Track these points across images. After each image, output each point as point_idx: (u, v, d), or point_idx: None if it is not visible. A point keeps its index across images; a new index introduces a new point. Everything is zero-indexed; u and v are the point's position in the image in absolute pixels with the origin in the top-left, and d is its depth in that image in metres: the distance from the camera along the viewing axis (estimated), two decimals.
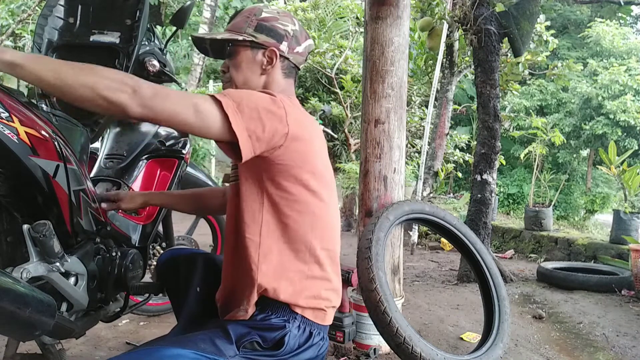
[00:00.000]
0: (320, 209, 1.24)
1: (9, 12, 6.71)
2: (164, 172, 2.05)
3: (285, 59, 1.33)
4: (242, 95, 1.11)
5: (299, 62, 1.37)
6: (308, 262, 1.22)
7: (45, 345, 1.52)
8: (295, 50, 1.34)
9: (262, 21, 1.31)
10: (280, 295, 1.18)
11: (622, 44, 12.53)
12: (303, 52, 1.37)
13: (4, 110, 1.18)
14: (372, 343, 2.35)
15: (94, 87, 0.97)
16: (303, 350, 1.19)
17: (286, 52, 1.32)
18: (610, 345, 2.62)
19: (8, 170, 1.24)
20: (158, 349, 1.03)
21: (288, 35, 1.32)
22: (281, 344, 1.15)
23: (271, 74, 1.32)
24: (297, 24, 1.35)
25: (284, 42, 1.32)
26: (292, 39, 1.33)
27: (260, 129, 1.09)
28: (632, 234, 4.30)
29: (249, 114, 1.08)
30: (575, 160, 12.29)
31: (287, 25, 1.33)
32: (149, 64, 1.94)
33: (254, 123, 1.08)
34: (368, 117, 2.43)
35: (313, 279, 1.23)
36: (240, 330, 1.14)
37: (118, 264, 1.60)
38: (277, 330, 1.16)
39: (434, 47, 5.37)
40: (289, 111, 1.15)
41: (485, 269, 2.38)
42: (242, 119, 1.07)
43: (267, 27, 1.31)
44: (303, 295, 1.20)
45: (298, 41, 1.34)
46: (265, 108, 1.11)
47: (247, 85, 1.31)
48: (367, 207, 2.42)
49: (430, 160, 6.00)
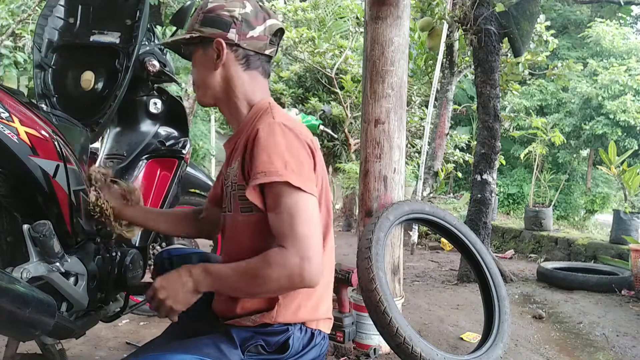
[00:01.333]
0: (324, 219, 1.22)
1: (9, 12, 6.70)
2: (164, 172, 2.04)
3: (237, 47, 1.21)
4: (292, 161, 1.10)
5: (260, 48, 1.23)
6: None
7: (45, 345, 1.52)
8: (249, 36, 1.21)
9: (208, 13, 1.22)
10: (299, 315, 1.18)
11: (622, 44, 12.51)
12: (261, 36, 1.22)
13: (4, 110, 1.18)
14: (372, 343, 2.35)
15: (273, 293, 1.11)
16: (307, 352, 1.19)
17: (236, 40, 1.20)
18: (610, 345, 2.62)
19: (8, 170, 1.24)
20: (163, 355, 1.03)
21: (236, 20, 1.20)
22: (286, 347, 1.15)
23: (226, 68, 1.22)
24: (248, 6, 1.22)
25: (232, 29, 1.20)
26: (242, 23, 1.20)
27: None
28: (632, 234, 4.30)
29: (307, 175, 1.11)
30: (575, 160, 12.29)
31: (234, 10, 1.20)
32: (149, 64, 1.94)
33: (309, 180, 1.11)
34: (368, 117, 2.43)
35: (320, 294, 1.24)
36: (244, 335, 1.14)
37: (118, 264, 1.60)
38: (281, 334, 1.16)
39: (434, 47, 5.37)
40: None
41: (485, 269, 2.38)
42: (307, 182, 1.09)
43: (212, 18, 1.21)
44: (318, 311, 1.22)
45: (250, 25, 1.21)
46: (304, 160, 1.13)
47: (207, 86, 1.25)
48: (367, 207, 2.42)
49: (430, 160, 6.00)
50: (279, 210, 1.06)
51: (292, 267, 1.02)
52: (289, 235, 1.04)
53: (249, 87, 1.24)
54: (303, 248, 1.02)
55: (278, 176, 1.05)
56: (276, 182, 1.05)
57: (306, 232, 1.04)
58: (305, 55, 6.50)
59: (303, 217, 1.05)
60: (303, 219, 1.05)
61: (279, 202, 1.06)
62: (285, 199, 1.06)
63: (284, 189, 1.06)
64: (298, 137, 1.12)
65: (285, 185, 1.05)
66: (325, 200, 1.22)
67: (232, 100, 1.25)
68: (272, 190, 1.07)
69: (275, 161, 1.07)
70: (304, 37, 6.31)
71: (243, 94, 1.24)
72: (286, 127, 1.12)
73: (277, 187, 1.06)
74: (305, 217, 1.05)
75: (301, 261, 1.02)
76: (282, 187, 1.06)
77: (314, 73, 6.86)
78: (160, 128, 2.08)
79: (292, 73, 7.10)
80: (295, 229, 1.04)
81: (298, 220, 1.04)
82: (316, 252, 1.04)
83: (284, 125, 1.12)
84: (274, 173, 1.06)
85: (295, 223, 1.04)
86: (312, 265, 1.02)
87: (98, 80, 1.81)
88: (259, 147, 1.09)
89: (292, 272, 1.02)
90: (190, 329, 1.28)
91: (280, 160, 1.07)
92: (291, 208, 1.05)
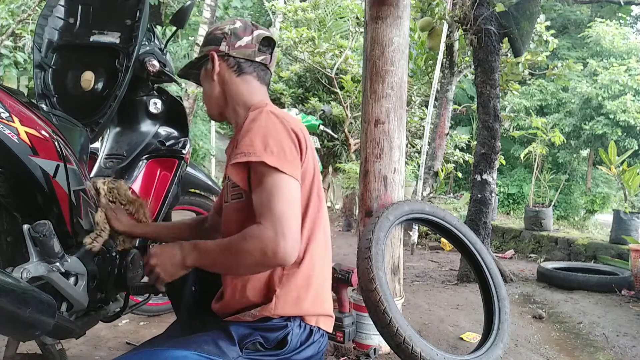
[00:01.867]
0: (316, 205, 1.26)
1: (9, 12, 6.70)
2: (164, 172, 2.04)
3: (227, 56, 1.33)
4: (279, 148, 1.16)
5: (249, 55, 1.35)
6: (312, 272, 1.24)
7: (45, 345, 1.52)
8: (237, 45, 1.33)
9: (207, 36, 1.38)
10: (298, 307, 1.20)
11: (622, 44, 12.52)
12: (249, 44, 1.34)
13: (4, 110, 1.18)
14: (372, 343, 2.35)
15: (248, 268, 1.14)
16: (305, 348, 1.20)
17: (226, 50, 1.33)
18: (610, 345, 2.62)
19: (8, 170, 1.24)
20: (162, 350, 1.05)
21: (226, 35, 1.34)
22: (284, 343, 1.16)
23: (221, 76, 1.33)
24: (238, 22, 1.36)
25: (223, 42, 1.33)
26: (231, 36, 1.34)
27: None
28: (632, 234, 4.30)
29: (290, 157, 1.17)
30: (575, 160, 12.29)
31: (225, 27, 1.35)
32: (149, 64, 1.94)
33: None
34: (368, 117, 2.43)
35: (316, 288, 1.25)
36: (242, 331, 1.15)
37: (118, 264, 1.60)
38: (279, 330, 1.17)
39: (434, 47, 5.37)
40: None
41: (485, 269, 2.38)
42: (285, 164, 1.14)
43: (209, 38, 1.37)
44: (317, 305, 1.24)
45: (238, 36, 1.34)
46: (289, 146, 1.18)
47: (210, 97, 1.37)
48: (367, 207, 2.42)
49: (430, 160, 6.00)
50: (259, 189, 1.13)
51: (266, 241, 1.06)
52: (266, 212, 1.09)
53: (244, 91, 1.34)
54: (278, 225, 1.07)
55: (255, 156, 1.12)
56: (254, 161, 1.13)
57: (283, 210, 1.09)
58: (305, 55, 6.50)
59: (281, 196, 1.10)
60: (280, 198, 1.10)
61: (260, 181, 1.13)
62: (265, 178, 1.12)
63: (264, 170, 1.12)
64: (282, 124, 1.19)
65: (263, 166, 1.12)
66: (317, 187, 1.27)
67: (230, 105, 1.35)
68: (255, 170, 1.15)
69: (256, 143, 1.14)
70: (304, 37, 6.31)
71: (240, 98, 1.34)
72: (272, 114, 1.21)
73: (258, 167, 1.13)
74: (283, 196, 1.10)
75: (275, 236, 1.06)
76: (262, 167, 1.12)
77: (314, 73, 6.86)
78: (160, 128, 2.07)
79: (292, 73, 7.10)
80: (272, 207, 1.09)
81: (276, 199, 1.10)
82: (292, 230, 1.08)
83: (271, 113, 1.21)
84: (252, 154, 1.13)
85: (272, 202, 1.10)
86: (287, 242, 1.06)
87: (98, 80, 1.81)
88: (244, 130, 1.19)
89: (266, 246, 1.06)
90: (190, 328, 1.28)
91: (261, 142, 1.14)
92: (270, 187, 1.11)
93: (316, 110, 5.93)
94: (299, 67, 7.07)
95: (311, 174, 1.23)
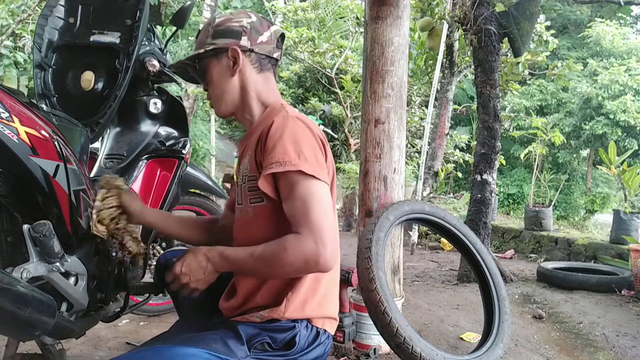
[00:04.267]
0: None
1: (9, 12, 6.70)
2: (164, 172, 2.04)
3: (250, 52, 1.29)
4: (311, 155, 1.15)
5: (269, 51, 1.32)
6: (319, 278, 1.24)
7: (45, 345, 1.52)
8: (259, 41, 1.30)
9: (217, 27, 1.30)
10: (305, 310, 1.20)
11: (622, 44, 12.50)
12: (269, 40, 1.32)
13: (4, 110, 1.18)
14: (372, 343, 2.35)
15: (289, 275, 1.15)
16: (312, 350, 1.20)
17: (249, 46, 1.29)
18: (610, 345, 2.62)
19: (8, 170, 1.24)
20: (171, 347, 1.04)
21: (245, 29, 1.29)
22: (292, 344, 1.17)
23: (243, 73, 1.29)
24: (253, 17, 1.32)
25: (243, 37, 1.28)
26: (251, 31, 1.29)
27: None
28: (632, 234, 4.30)
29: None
30: (575, 160, 12.28)
31: (241, 20, 1.30)
32: (149, 64, 1.94)
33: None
34: (368, 117, 2.43)
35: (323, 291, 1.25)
36: (250, 331, 1.15)
37: (118, 264, 1.60)
38: (287, 331, 1.17)
39: (434, 47, 5.36)
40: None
41: (485, 269, 2.38)
42: (319, 170, 1.13)
43: (222, 30, 1.29)
44: (324, 308, 1.24)
45: (258, 31, 1.30)
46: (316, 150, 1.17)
47: (226, 94, 1.30)
48: (367, 207, 2.42)
49: (430, 160, 6.00)
50: (294, 198, 1.11)
51: (308, 252, 1.06)
52: (304, 221, 1.08)
53: (262, 88, 1.31)
54: (318, 233, 1.07)
55: (292, 165, 1.10)
56: (290, 171, 1.10)
57: (320, 217, 1.08)
58: (305, 55, 6.50)
59: (317, 203, 1.09)
60: (317, 205, 1.09)
61: (293, 190, 1.11)
62: (299, 186, 1.10)
63: (297, 177, 1.11)
64: (310, 129, 1.19)
65: (298, 174, 1.10)
66: (334, 190, 1.26)
67: (247, 103, 1.31)
68: (285, 179, 1.12)
69: (289, 151, 1.12)
70: (304, 37, 6.31)
71: (257, 96, 1.30)
72: (299, 120, 1.19)
73: (291, 175, 1.11)
74: (319, 203, 1.10)
75: (316, 245, 1.06)
76: (296, 175, 1.11)
77: (314, 73, 6.87)
78: (160, 128, 2.08)
79: (292, 73, 7.11)
80: (309, 215, 1.08)
81: (312, 206, 1.09)
82: (331, 236, 1.08)
83: (297, 118, 1.19)
84: (287, 162, 1.11)
85: (309, 209, 1.08)
86: (327, 250, 1.06)
87: (98, 80, 1.81)
88: (273, 138, 1.15)
89: (308, 257, 1.06)
90: (196, 326, 1.29)
91: (294, 149, 1.12)
92: (305, 195, 1.10)
93: (316, 110, 5.93)
94: (299, 67, 7.08)
95: (330, 177, 1.22)
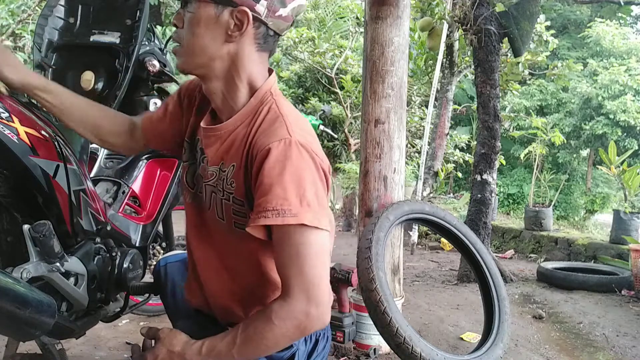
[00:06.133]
0: None
1: (9, 12, 6.71)
2: (164, 171, 2.04)
3: (261, 23, 1.01)
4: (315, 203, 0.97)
5: (282, 30, 1.05)
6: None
7: (45, 345, 1.52)
8: (278, 14, 1.01)
9: None
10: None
11: (622, 44, 12.51)
12: (289, 16, 1.03)
13: (4, 111, 1.18)
14: (372, 343, 2.35)
15: (283, 346, 1.00)
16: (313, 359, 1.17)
17: (263, 15, 1.00)
18: (610, 345, 2.62)
19: (8, 170, 1.24)
20: None
21: None
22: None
23: (239, 43, 1.01)
24: None
25: (262, 3, 0.99)
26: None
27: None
28: (632, 234, 4.30)
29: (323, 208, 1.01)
30: (575, 160, 12.29)
31: None
32: (149, 64, 1.94)
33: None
34: (368, 117, 2.43)
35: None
36: None
37: (118, 264, 1.60)
38: (286, 349, 1.09)
39: (434, 47, 5.37)
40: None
41: (485, 269, 2.38)
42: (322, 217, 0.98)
43: None
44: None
45: (283, 2, 1.01)
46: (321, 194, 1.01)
47: (204, 54, 1.02)
48: (367, 207, 2.42)
49: (430, 160, 6.00)
50: (287, 249, 0.96)
51: (299, 317, 0.94)
52: (297, 278, 0.94)
53: (256, 70, 1.06)
54: (311, 291, 0.94)
55: (292, 216, 0.93)
56: (289, 224, 0.94)
57: (315, 273, 0.95)
58: (305, 55, 6.50)
59: (313, 257, 0.95)
60: (313, 259, 0.95)
61: (288, 240, 0.95)
62: (295, 237, 0.95)
63: (295, 229, 0.95)
64: (314, 160, 0.99)
65: (298, 226, 0.94)
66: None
67: (232, 82, 1.05)
68: (281, 229, 0.95)
69: (290, 195, 0.94)
70: (304, 37, 6.31)
71: (248, 77, 1.05)
72: (303, 148, 0.98)
73: (288, 227, 0.95)
74: (316, 256, 0.96)
75: (308, 306, 0.94)
76: (294, 227, 0.94)
77: (314, 73, 6.86)
78: None
79: (292, 73, 7.10)
80: (304, 271, 0.94)
81: (308, 261, 0.95)
82: (324, 294, 0.96)
83: (301, 145, 0.98)
84: (287, 212, 0.93)
85: (304, 264, 0.94)
86: (320, 309, 0.95)
87: (98, 80, 1.80)
88: (272, 174, 0.95)
89: (300, 322, 0.95)
90: None
91: (296, 193, 0.94)
92: (301, 247, 0.95)
93: (316, 110, 5.92)
94: (299, 67, 7.08)
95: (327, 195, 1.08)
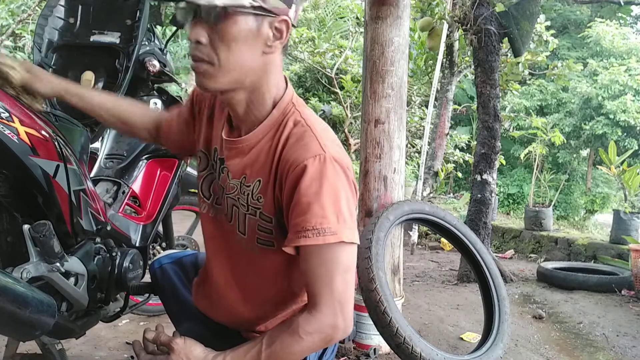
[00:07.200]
0: None
1: (9, 12, 6.71)
2: (164, 172, 2.04)
3: (293, 27, 1.00)
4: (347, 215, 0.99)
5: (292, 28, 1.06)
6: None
7: (45, 345, 1.52)
8: (298, 13, 1.03)
9: None
10: None
11: (622, 44, 12.52)
12: (297, 14, 1.05)
13: (4, 110, 1.18)
14: (372, 343, 2.35)
15: (304, 357, 1.00)
16: None
17: (293, 20, 0.99)
18: (610, 345, 2.63)
19: (8, 170, 1.24)
20: None
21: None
22: None
23: (275, 53, 1.00)
24: None
25: (293, 5, 0.97)
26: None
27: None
28: (632, 234, 4.30)
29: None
30: (575, 160, 12.29)
31: None
32: (149, 64, 1.94)
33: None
34: (368, 117, 2.43)
35: None
36: None
37: (118, 264, 1.60)
38: None
39: (434, 47, 5.37)
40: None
41: (485, 269, 2.38)
42: (355, 232, 1.00)
43: None
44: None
45: (300, 0, 1.02)
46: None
47: (241, 70, 0.97)
48: (367, 207, 2.42)
49: (430, 160, 6.00)
50: (321, 264, 0.96)
51: (326, 329, 0.97)
52: (326, 292, 0.96)
53: (279, 75, 1.05)
54: (338, 306, 0.97)
55: (332, 234, 0.94)
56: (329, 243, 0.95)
57: (343, 287, 0.97)
58: (305, 55, 6.50)
59: (343, 270, 0.97)
60: (342, 273, 0.97)
61: (324, 256, 0.96)
62: (330, 254, 0.96)
63: (333, 246, 0.96)
64: (347, 175, 1.00)
65: (336, 244, 0.95)
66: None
67: (259, 92, 1.02)
68: (318, 246, 0.96)
69: (329, 214, 0.94)
70: (304, 37, 6.31)
71: (275, 84, 1.04)
72: (337, 164, 0.98)
73: (326, 245, 0.96)
74: (346, 271, 0.98)
75: (335, 320, 0.97)
76: (332, 244, 0.95)
77: (314, 73, 6.87)
78: None
79: (292, 73, 7.11)
80: (334, 287, 0.96)
81: (338, 275, 0.96)
82: (351, 306, 1.00)
83: (335, 161, 0.97)
84: (327, 231, 0.94)
85: (335, 279, 0.96)
86: (347, 322, 0.98)
87: (98, 80, 1.81)
88: (309, 192, 0.95)
89: (327, 335, 0.98)
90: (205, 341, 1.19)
91: (333, 210, 0.95)
92: (335, 263, 0.96)
93: (316, 111, 5.93)
94: (299, 67, 7.08)
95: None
